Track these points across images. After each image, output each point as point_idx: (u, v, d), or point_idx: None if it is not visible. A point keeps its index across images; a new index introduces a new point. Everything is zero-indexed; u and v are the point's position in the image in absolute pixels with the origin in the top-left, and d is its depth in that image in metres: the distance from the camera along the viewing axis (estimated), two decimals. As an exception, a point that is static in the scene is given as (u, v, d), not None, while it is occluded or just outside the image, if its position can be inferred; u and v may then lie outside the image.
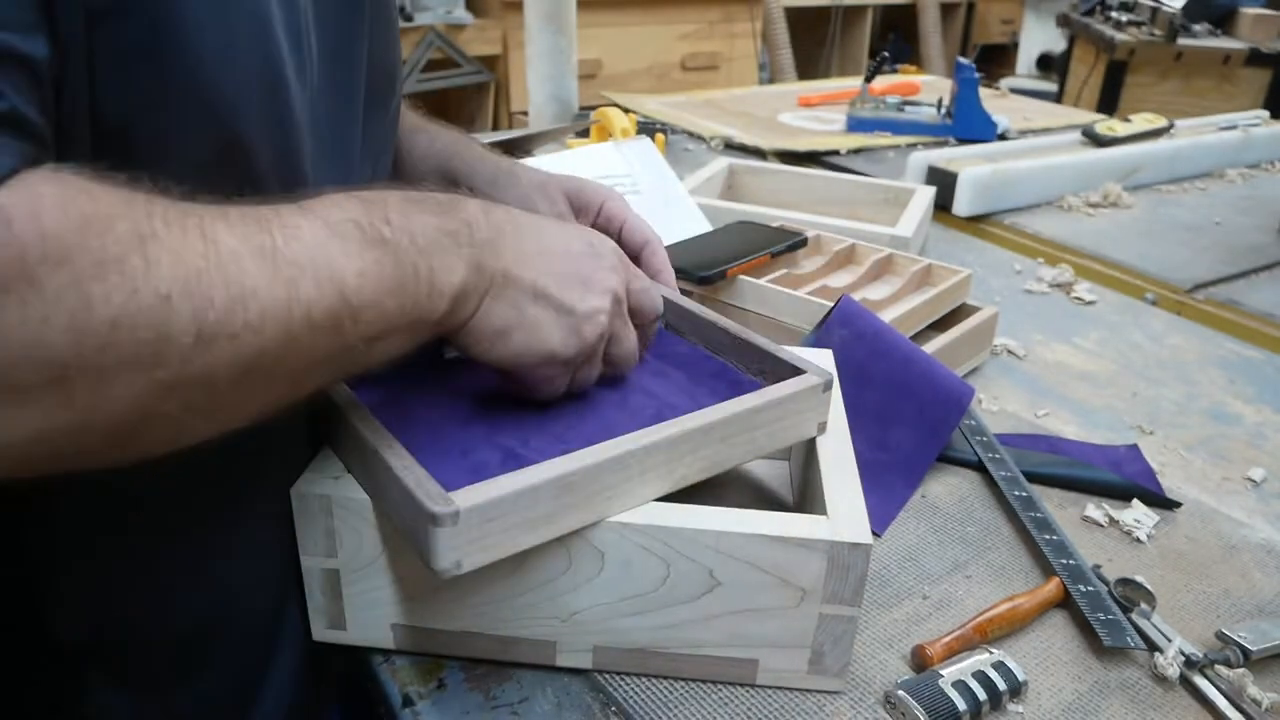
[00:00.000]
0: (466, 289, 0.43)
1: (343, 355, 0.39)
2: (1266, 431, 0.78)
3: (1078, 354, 0.90)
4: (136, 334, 0.31)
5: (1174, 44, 2.48)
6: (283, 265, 0.35)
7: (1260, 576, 0.60)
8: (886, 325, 0.71)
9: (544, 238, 0.48)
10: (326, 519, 0.47)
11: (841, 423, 0.57)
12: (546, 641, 0.49)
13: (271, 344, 0.35)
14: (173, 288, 0.32)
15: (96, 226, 0.31)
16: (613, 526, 0.46)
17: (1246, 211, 1.32)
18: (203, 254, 0.33)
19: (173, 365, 0.32)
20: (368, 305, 0.38)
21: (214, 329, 0.33)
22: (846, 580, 0.46)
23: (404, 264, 0.40)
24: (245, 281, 0.34)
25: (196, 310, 0.33)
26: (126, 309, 0.31)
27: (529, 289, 0.46)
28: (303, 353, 0.37)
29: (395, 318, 0.40)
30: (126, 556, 0.49)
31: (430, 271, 0.41)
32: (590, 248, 0.50)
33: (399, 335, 0.41)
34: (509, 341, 0.46)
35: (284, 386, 0.38)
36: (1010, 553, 0.61)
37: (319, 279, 0.37)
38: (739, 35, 3.00)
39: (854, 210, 1.11)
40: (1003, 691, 0.49)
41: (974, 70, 1.56)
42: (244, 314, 0.34)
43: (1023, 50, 4.01)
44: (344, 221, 0.39)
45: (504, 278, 0.45)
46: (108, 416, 0.32)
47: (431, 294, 0.41)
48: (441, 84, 2.66)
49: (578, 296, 0.47)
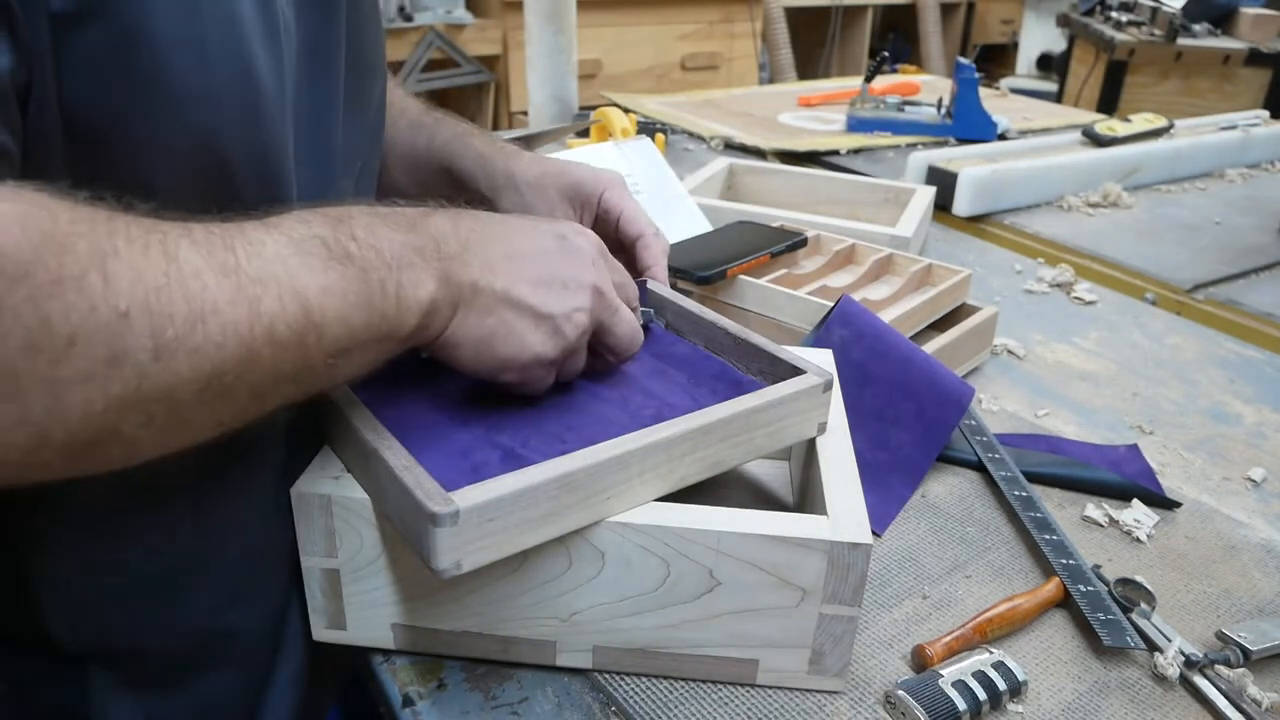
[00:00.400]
0: (436, 303, 0.43)
1: (307, 371, 0.39)
2: (1266, 431, 0.78)
3: (1078, 354, 0.90)
4: (93, 350, 0.31)
5: (1174, 44, 2.48)
6: (245, 282, 0.36)
7: (1260, 576, 0.60)
8: (886, 325, 0.71)
9: (514, 242, 0.47)
10: (326, 519, 0.47)
11: (841, 423, 0.57)
12: (546, 641, 0.49)
13: (233, 360, 0.35)
14: (132, 304, 0.32)
15: (55, 244, 0.31)
16: (613, 526, 0.46)
17: (1246, 211, 1.32)
18: (164, 271, 0.33)
19: (131, 381, 0.33)
20: (332, 321, 0.38)
21: (173, 345, 0.33)
22: (846, 580, 0.46)
23: (371, 280, 0.40)
24: (206, 298, 0.34)
25: (156, 327, 0.33)
26: (84, 326, 0.31)
27: (501, 296, 0.46)
28: (265, 369, 0.37)
29: (362, 333, 0.40)
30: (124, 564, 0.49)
31: (398, 286, 0.41)
32: (564, 243, 0.49)
33: (366, 350, 0.41)
34: (490, 350, 0.46)
35: (247, 402, 0.38)
36: (1010, 553, 0.61)
37: (282, 295, 0.37)
38: (739, 35, 3.00)
39: (854, 210, 1.11)
40: (1003, 691, 0.49)
41: (974, 70, 1.56)
42: (204, 330, 0.34)
43: (1023, 50, 4.01)
44: (309, 238, 0.39)
45: (474, 289, 0.45)
46: (65, 431, 0.32)
47: (400, 309, 0.41)
48: (441, 84, 2.66)
49: (554, 298, 0.47)
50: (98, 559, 0.48)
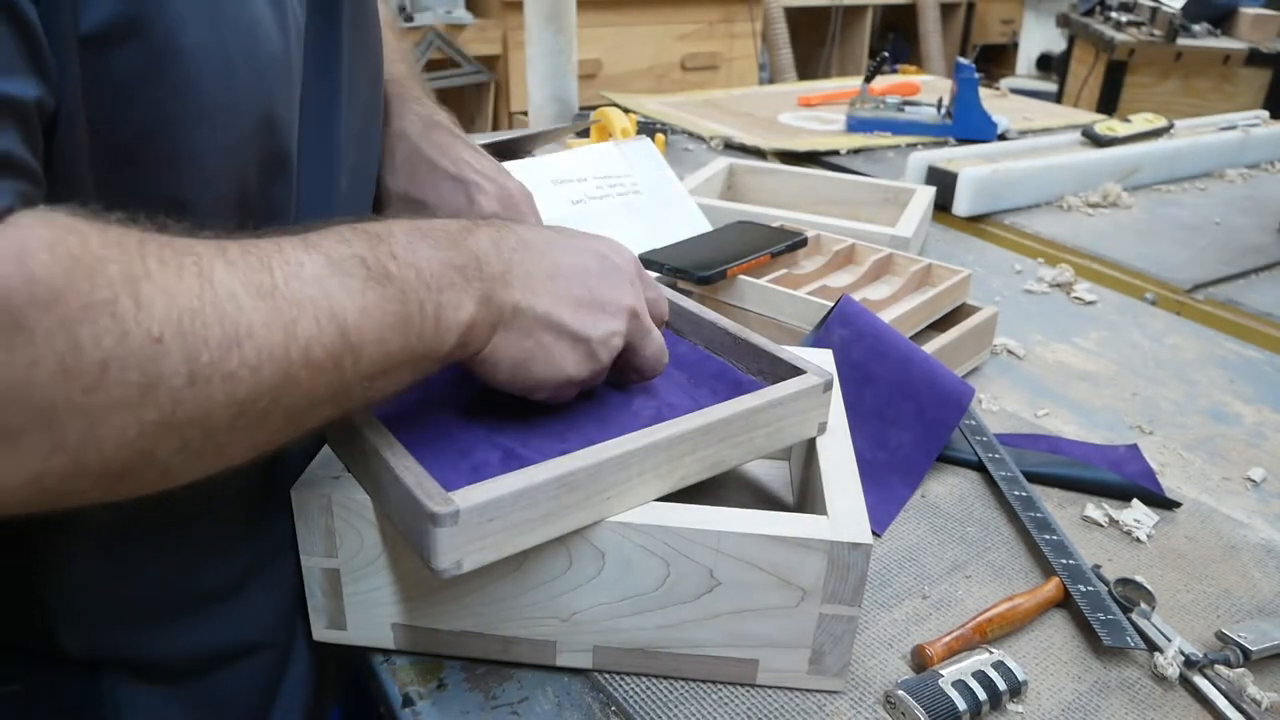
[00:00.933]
0: (475, 324, 0.42)
1: (343, 393, 0.38)
2: (1266, 431, 0.78)
3: (1078, 354, 0.90)
4: (127, 376, 0.31)
5: (1174, 44, 2.48)
6: (282, 304, 0.35)
7: (1260, 576, 0.60)
8: (886, 325, 0.71)
9: (558, 260, 0.47)
10: (326, 519, 0.47)
11: (841, 423, 0.57)
12: (546, 641, 0.49)
13: (269, 384, 0.35)
14: (165, 329, 0.32)
15: (85, 268, 0.31)
16: (613, 526, 0.46)
17: (1246, 211, 1.32)
18: (198, 294, 0.33)
19: (166, 407, 0.32)
20: (370, 343, 0.38)
21: (208, 370, 0.33)
22: (846, 580, 0.46)
23: (410, 301, 0.39)
24: (241, 321, 0.34)
25: (190, 351, 0.32)
26: (116, 351, 0.31)
27: (543, 319, 0.45)
28: (302, 392, 0.36)
29: (399, 355, 0.40)
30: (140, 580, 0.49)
31: (438, 307, 0.41)
32: (605, 262, 0.48)
33: (403, 371, 0.41)
34: (527, 371, 0.46)
35: (282, 426, 0.37)
36: (1010, 553, 0.61)
37: (319, 317, 0.36)
38: (739, 35, 3.00)
39: (854, 210, 1.11)
40: (1003, 691, 0.49)
41: (974, 70, 1.56)
42: (240, 354, 0.33)
43: (1022, 50, 4.01)
44: (349, 258, 0.38)
45: (515, 310, 0.44)
46: (100, 458, 0.32)
47: (439, 330, 0.41)
48: (442, 84, 2.66)
49: (592, 323, 0.46)
50: (114, 574, 0.48)
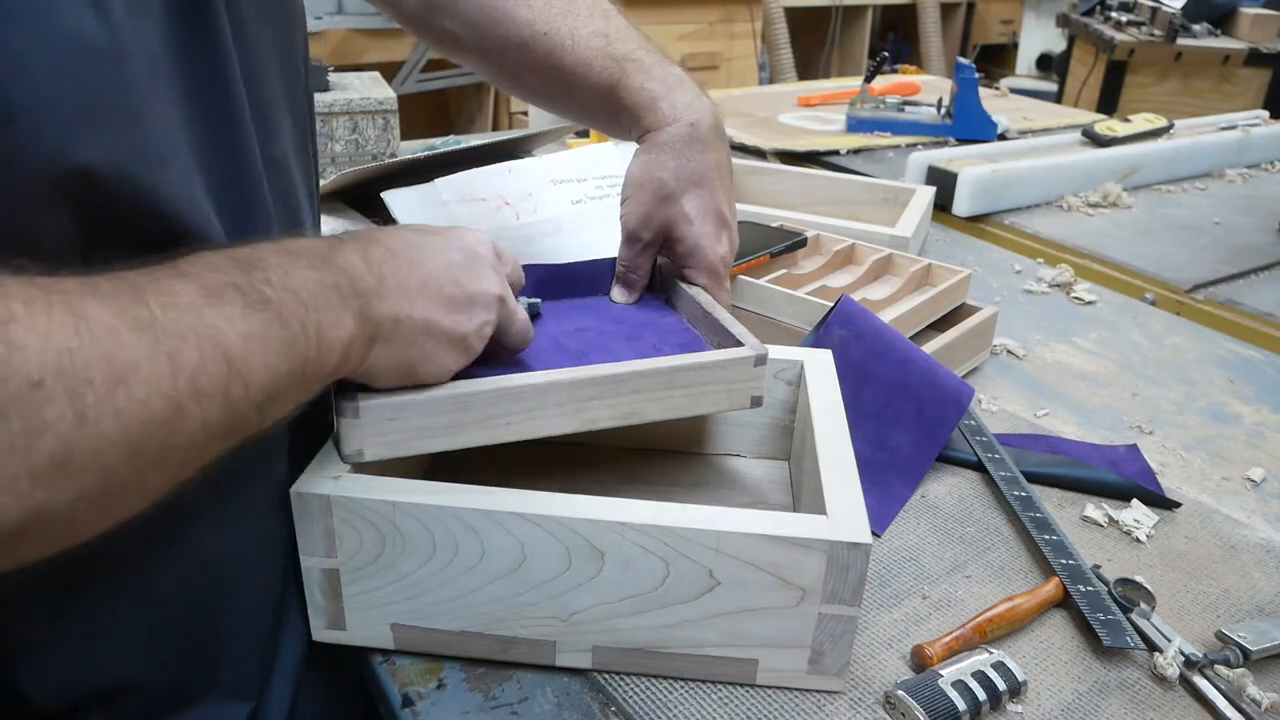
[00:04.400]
0: (355, 339, 0.43)
1: (235, 421, 0.38)
2: (1266, 431, 0.78)
3: (1077, 354, 0.90)
4: (10, 425, 0.29)
5: (1174, 44, 2.48)
6: (163, 336, 0.34)
7: (1260, 576, 0.60)
8: (886, 325, 0.71)
9: (425, 264, 0.48)
10: (326, 519, 0.47)
11: (841, 423, 0.57)
12: (546, 641, 0.49)
13: (160, 419, 0.33)
14: (44, 372, 0.30)
15: None
16: (613, 526, 0.46)
17: (1246, 211, 1.32)
18: (75, 331, 0.31)
19: (57, 452, 0.31)
20: (257, 369, 0.37)
21: (95, 410, 0.31)
22: (846, 580, 0.46)
23: (290, 324, 0.39)
24: (124, 356, 0.32)
25: (74, 392, 0.31)
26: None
27: (421, 326, 0.47)
28: (194, 424, 0.35)
29: (286, 378, 0.39)
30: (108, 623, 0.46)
31: (318, 327, 0.41)
32: (468, 254, 0.50)
33: (293, 393, 0.41)
34: (412, 376, 0.48)
35: (179, 461, 0.36)
36: (1010, 553, 0.61)
37: (202, 346, 0.35)
38: (739, 35, 3.00)
39: (854, 210, 1.11)
40: (1002, 691, 0.49)
41: (974, 70, 1.56)
42: (127, 390, 0.32)
43: (1022, 50, 4.01)
44: (224, 285, 0.37)
45: (394, 322, 0.46)
46: None
47: (321, 349, 0.41)
48: (441, 84, 2.66)
49: (465, 319, 0.49)
50: (80, 619, 0.45)
